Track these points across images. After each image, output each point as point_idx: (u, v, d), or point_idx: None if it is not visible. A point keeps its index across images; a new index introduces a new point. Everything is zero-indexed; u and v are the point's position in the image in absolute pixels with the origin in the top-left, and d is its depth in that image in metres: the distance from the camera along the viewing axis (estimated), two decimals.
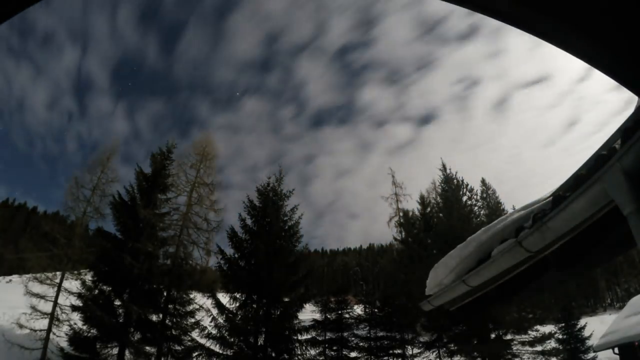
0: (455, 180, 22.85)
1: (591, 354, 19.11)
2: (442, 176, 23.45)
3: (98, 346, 16.27)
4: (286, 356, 17.49)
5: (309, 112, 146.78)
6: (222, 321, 17.29)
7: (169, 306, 18.42)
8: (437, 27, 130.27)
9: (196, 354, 17.02)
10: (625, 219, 1.35)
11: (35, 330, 16.86)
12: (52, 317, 17.41)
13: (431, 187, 26.18)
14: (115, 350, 16.57)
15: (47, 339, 16.96)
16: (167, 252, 19.81)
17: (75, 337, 16.13)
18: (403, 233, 24.61)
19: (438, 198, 24.54)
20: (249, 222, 19.14)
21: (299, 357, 17.70)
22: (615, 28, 1.03)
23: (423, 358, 19.68)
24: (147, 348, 17.11)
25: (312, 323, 19.31)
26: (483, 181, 31.26)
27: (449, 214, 21.20)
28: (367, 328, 20.65)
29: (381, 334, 20.29)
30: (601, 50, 1.10)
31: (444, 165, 23.40)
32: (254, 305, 17.61)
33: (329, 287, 21.58)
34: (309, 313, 19.98)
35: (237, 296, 17.80)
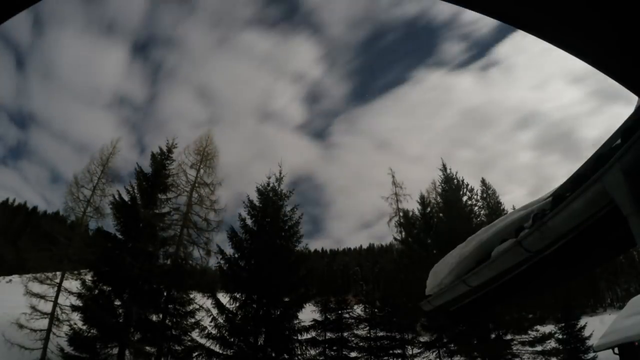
0: (455, 180, 22.87)
1: (591, 354, 19.08)
2: (442, 176, 23.49)
3: (98, 346, 16.25)
4: (286, 356, 17.49)
5: None
6: (222, 321, 17.28)
7: (169, 306, 18.41)
8: None
9: (196, 354, 17.02)
10: (625, 219, 1.35)
11: (35, 330, 16.85)
12: (52, 317, 17.41)
13: (431, 187, 26.16)
14: (115, 350, 16.56)
15: (47, 339, 16.95)
16: (167, 252, 19.80)
17: (75, 337, 16.13)
18: (403, 233, 24.59)
19: (438, 198, 24.53)
20: (249, 222, 19.15)
21: (299, 357, 17.69)
22: (615, 28, 1.03)
23: (423, 358, 19.65)
24: (147, 348, 17.10)
25: (312, 323, 19.29)
26: (483, 181, 31.26)
27: (449, 214, 21.20)
28: (367, 328, 20.63)
29: (381, 334, 20.27)
30: (601, 50, 1.10)
31: (444, 165, 23.45)
32: (254, 305, 17.60)
33: (329, 287, 21.53)
34: (309, 313, 19.97)
35: (237, 296, 17.79)
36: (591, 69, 1.11)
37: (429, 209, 24.03)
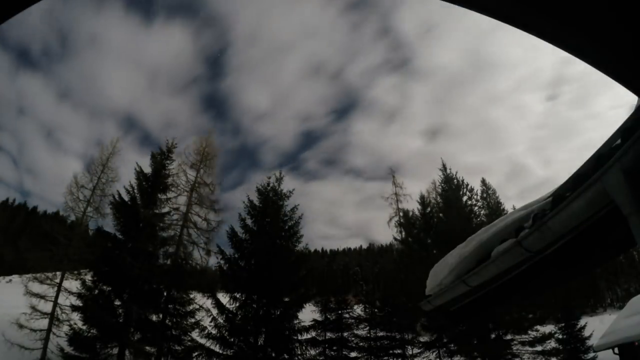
0: (455, 180, 22.86)
1: (591, 354, 19.08)
2: (442, 176, 23.48)
3: (98, 346, 16.25)
4: (286, 356, 17.48)
5: None
6: (222, 321, 17.28)
7: (169, 306, 18.40)
8: None
9: (196, 354, 17.01)
10: (625, 219, 1.35)
11: (35, 330, 16.84)
12: (52, 317, 17.40)
13: (431, 187, 26.19)
14: (115, 350, 16.56)
15: (47, 339, 16.95)
16: (167, 252, 19.78)
17: (75, 337, 16.12)
18: (403, 233, 24.59)
19: (438, 198, 24.54)
20: (249, 222, 19.15)
21: (299, 357, 17.69)
22: (615, 28, 1.03)
23: (423, 358, 19.65)
24: (147, 348, 17.09)
25: (312, 323, 19.29)
26: (483, 181, 31.33)
27: (449, 214, 21.19)
28: (367, 328, 20.63)
29: (381, 334, 20.26)
30: (601, 50, 1.10)
31: (444, 165, 23.44)
32: (254, 305, 17.59)
33: (329, 287, 21.54)
34: (309, 313, 19.97)
35: (237, 296, 17.80)
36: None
37: (429, 209, 24.03)
